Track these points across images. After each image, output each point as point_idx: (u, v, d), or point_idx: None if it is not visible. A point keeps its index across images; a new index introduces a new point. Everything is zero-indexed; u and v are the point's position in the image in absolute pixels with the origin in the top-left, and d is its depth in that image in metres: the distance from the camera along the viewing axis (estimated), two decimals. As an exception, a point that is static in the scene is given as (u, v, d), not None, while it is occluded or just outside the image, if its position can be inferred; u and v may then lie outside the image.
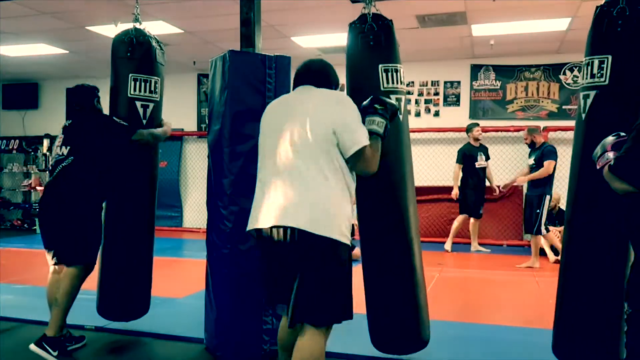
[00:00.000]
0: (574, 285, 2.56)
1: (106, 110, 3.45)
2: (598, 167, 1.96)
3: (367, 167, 2.16)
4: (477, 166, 6.82)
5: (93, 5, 5.78)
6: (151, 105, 3.39)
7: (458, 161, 6.92)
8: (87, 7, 5.86)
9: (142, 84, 3.35)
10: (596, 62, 2.40)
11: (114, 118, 3.24)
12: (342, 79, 2.59)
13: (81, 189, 3.09)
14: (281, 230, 2.07)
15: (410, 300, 2.81)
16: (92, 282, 3.33)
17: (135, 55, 3.35)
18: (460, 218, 7.05)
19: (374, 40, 2.76)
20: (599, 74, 2.39)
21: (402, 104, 2.82)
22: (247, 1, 3.26)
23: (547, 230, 6.01)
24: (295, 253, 2.09)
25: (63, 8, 5.94)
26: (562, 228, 6.49)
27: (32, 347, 3.00)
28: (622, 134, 1.93)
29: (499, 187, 6.89)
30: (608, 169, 1.87)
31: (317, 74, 2.35)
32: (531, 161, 6.09)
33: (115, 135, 3.17)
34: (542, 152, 5.91)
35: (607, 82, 2.37)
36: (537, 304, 4.61)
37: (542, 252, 6.65)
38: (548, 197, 5.84)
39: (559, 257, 6.27)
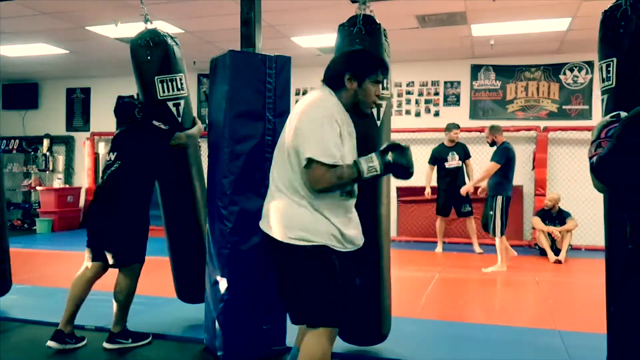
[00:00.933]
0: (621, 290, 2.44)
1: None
2: (588, 157, 1.88)
3: (314, 184, 2.01)
4: (447, 166, 6.93)
5: (93, 5, 5.78)
6: (182, 102, 3.51)
7: (429, 162, 7.08)
8: (87, 7, 5.86)
9: (169, 84, 3.45)
10: (604, 67, 2.43)
11: (154, 122, 3.33)
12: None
13: (126, 192, 3.21)
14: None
15: (374, 298, 3.02)
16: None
17: (155, 57, 3.42)
18: (438, 220, 7.17)
19: (360, 44, 2.85)
20: (607, 78, 2.41)
21: (383, 108, 2.94)
22: (247, 1, 3.26)
23: (502, 234, 5.73)
24: (272, 255, 2.18)
25: (63, 8, 5.94)
26: (561, 228, 6.52)
27: (105, 344, 3.24)
28: (623, 113, 1.90)
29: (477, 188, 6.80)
30: (590, 168, 1.83)
31: (325, 71, 2.27)
32: None
33: (154, 140, 3.28)
34: (494, 153, 5.78)
35: (614, 84, 2.38)
36: (537, 304, 4.61)
37: (543, 252, 6.66)
38: (500, 197, 5.63)
39: (559, 257, 6.32)
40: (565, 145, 7.78)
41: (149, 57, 3.41)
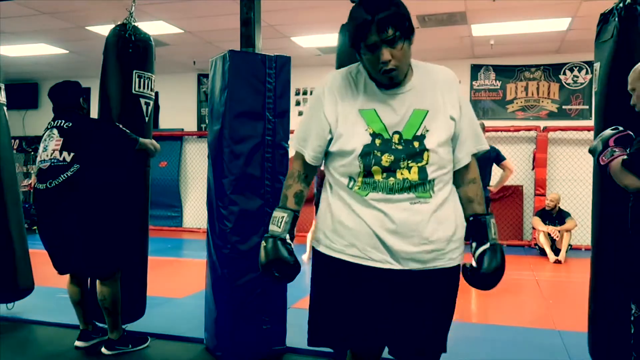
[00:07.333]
0: (606, 286, 2.46)
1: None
2: (602, 164, 1.86)
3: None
4: None
5: (93, 5, 5.78)
6: (151, 103, 3.44)
7: None
8: (87, 7, 5.86)
9: (145, 81, 3.37)
10: None
11: (117, 124, 3.15)
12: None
13: (90, 199, 2.99)
14: None
15: None
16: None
17: (136, 51, 3.33)
18: None
19: None
20: None
21: None
22: (247, 1, 3.25)
23: None
24: None
25: (63, 8, 5.94)
26: (561, 227, 6.52)
27: (104, 350, 3.14)
28: (621, 128, 1.90)
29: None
30: (621, 164, 1.78)
31: None
32: None
33: (122, 145, 3.12)
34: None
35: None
36: (537, 304, 4.61)
37: (543, 252, 6.66)
38: None
39: (559, 257, 6.32)
40: (565, 145, 7.79)
41: (130, 50, 3.31)
